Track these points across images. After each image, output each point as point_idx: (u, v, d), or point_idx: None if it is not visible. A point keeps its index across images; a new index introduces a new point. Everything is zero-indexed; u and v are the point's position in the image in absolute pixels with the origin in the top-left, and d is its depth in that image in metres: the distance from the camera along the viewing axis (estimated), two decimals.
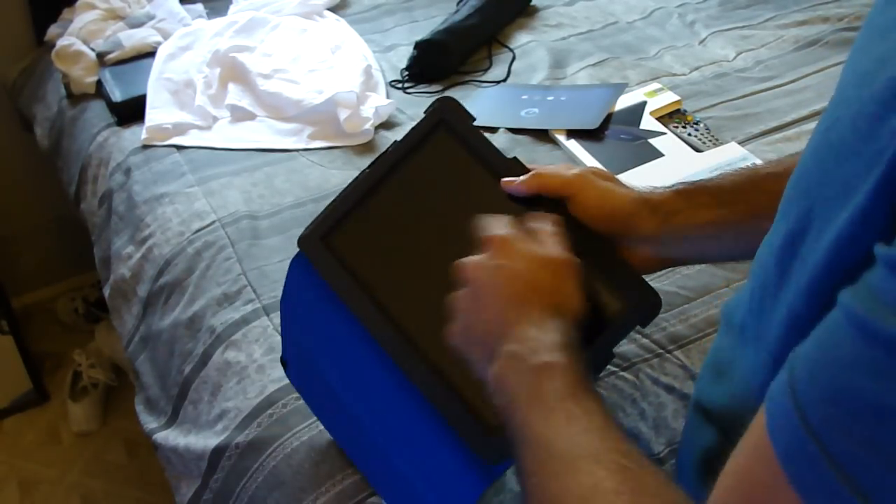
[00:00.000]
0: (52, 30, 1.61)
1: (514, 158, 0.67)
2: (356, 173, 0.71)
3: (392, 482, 0.72)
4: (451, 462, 0.59)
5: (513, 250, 0.57)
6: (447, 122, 0.68)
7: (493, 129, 1.33)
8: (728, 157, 1.24)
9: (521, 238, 0.58)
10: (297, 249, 0.71)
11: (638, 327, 0.62)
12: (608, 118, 1.33)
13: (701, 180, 0.66)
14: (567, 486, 0.45)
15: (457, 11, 1.58)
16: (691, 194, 0.65)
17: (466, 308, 0.57)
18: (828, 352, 0.34)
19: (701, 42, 1.59)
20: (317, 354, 0.75)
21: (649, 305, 0.61)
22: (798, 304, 0.43)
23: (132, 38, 1.50)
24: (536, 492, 0.47)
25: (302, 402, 0.89)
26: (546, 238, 0.59)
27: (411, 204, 0.67)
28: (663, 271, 1.03)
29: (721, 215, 0.63)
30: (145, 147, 1.32)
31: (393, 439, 0.67)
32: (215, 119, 1.37)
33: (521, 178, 0.65)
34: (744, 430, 0.51)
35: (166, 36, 1.53)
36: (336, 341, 0.70)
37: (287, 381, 0.91)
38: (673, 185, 0.66)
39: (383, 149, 1.29)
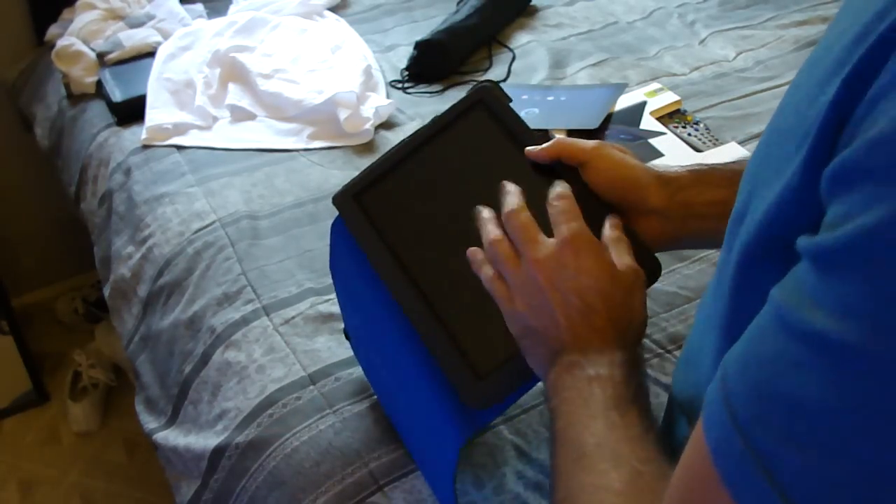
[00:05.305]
0: (52, 30, 1.61)
1: (544, 132, 0.71)
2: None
3: (407, 427, 0.77)
4: (441, 412, 0.63)
5: (589, 258, 0.57)
6: (485, 101, 0.73)
7: None
8: (728, 158, 1.24)
9: (596, 246, 0.59)
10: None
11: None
12: (608, 118, 1.33)
13: (714, 164, 0.69)
14: (581, 483, 0.49)
15: (457, 11, 1.58)
16: (703, 173, 0.66)
17: (530, 303, 0.58)
18: (755, 347, 0.35)
19: (701, 42, 1.59)
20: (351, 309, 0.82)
21: (649, 266, 0.63)
22: (732, 283, 0.44)
23: (132, 38, 1.50)
24: (559, 488, 0.51)
25: (302, 402, 0.89)
26: (620, 248, 0.60)
27: (442, 171, 0.72)
28: (663, 272, 1.04)
29: (729, 194, 0.65)
30: (145, 147, 1.32)
31: (401, 388, 0.73)
32: (215, 119, 1.37)
33: (543, 145, 0.68)
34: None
35: (166, 36, 1.53)
36: (360, 294, 0.75)
37: (287, 381, 0.92)
38: (687, 166, 0.68)
39: (383, 149, 1.30)
